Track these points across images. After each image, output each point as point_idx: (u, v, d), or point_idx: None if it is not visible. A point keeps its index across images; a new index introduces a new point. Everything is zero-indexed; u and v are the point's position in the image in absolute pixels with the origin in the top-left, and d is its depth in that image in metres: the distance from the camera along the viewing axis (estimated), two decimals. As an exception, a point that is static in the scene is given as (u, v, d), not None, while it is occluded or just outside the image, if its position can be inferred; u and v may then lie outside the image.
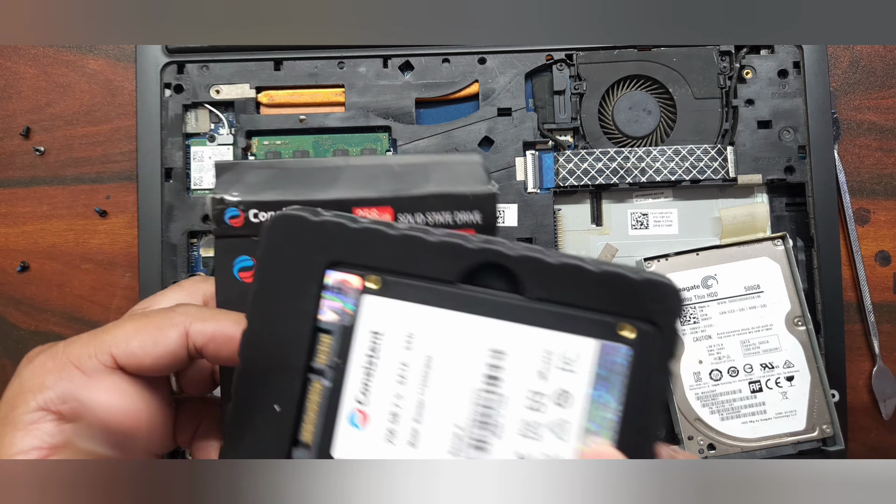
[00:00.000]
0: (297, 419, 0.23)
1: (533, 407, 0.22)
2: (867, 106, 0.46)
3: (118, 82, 0.46)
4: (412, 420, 0.23)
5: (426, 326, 0.23)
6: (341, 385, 0.23)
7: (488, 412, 0.23)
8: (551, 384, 0.22)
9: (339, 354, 0.23)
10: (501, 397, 0.22)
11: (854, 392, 0.45)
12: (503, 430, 0.23)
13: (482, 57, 0.43)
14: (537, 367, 0.22)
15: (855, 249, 0.45)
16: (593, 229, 0.44)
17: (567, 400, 0.22)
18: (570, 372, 0.22)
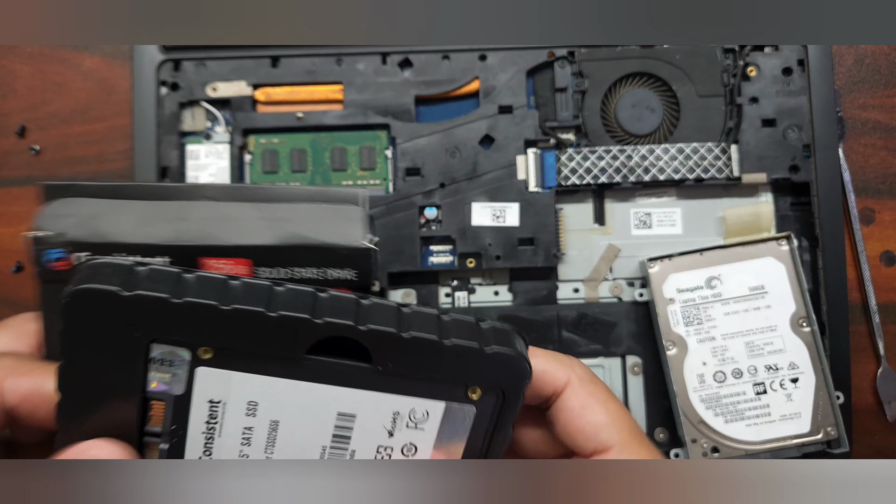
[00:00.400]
0: None
1: (380, 457, 0.23)
2: (872, 104, 0.45)
3: (114, 80, 0.45)
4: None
5: (268, 394, 0.22)
6: (182, 447, 0.22)
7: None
8: (398, 439, 0.23)
9: (174, 421, 0.22)
10: (349, 452, 0.23)
11: (859, 394, 0.44)
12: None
13: (483, 54, 0.43)
14: (386, 426, 0.23)
15: (860, 249, 0.45)
16: (596, 229, 0.43)
17: (412, 451, 0.23)
18: (418, 430, 0.23)
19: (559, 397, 0.24)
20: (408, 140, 0.43)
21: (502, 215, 0.42)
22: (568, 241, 0.43)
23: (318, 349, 0.21)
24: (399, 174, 0.43)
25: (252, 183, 0.43)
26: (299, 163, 0.43)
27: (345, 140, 0.43)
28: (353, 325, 0.21)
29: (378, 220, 0.42)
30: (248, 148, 0.43)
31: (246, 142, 0.43)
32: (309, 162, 0.43)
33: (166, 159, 0.43)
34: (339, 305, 0.21)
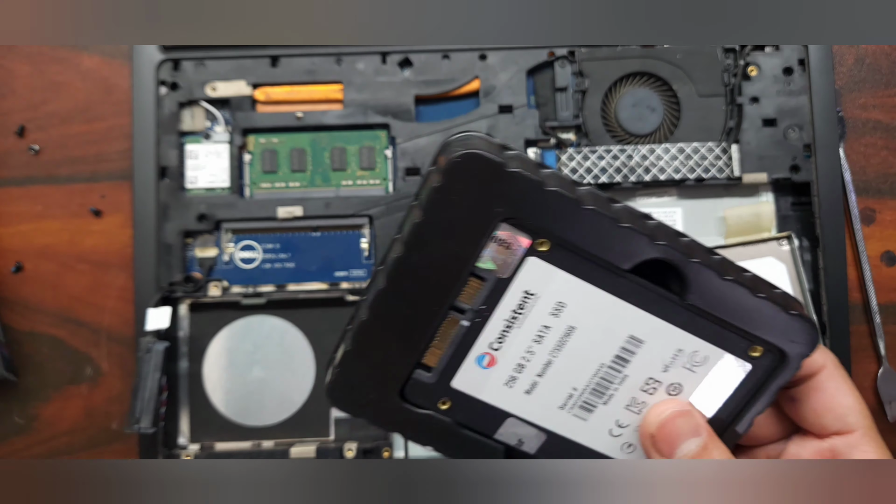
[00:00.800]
0: (426, 344, 0.24)
1: (646, 389, 0.24)
2: (873, 104, 0.45)
3: (113, 80, 0.45)
4: (535, 374, 0.24)
5: (578, 299, 0.23)
6: (480, 329, 0.23)
7: (606, 384, 0.24)
8: (670, 376, 0.24)
9: (485, 302, 0.23)
10: (623, 376, 0.24)
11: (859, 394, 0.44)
12: (612, 400, 0.24)
13: (483, 53, 0.43)
14: (665, 360, 0.24)
15: (861, 249, 0.44)
16: (595, 229, 0.43)
17: (677, 391, 0.24)
18: (690, 371, 0.24)
19: (814, 377, 0.26)
20: (408, 140, 0.43)
21: (502, 215, 0.42)
22: (568, 241, 0.43)
23: (639, 270, 0.23)
24: (399, 174, 0.43)
25: (252, 183, 0.43)
26: (299, 162, 0.43)
27: (344, 140, 0.43)
28: (685, 255, 0.22)
29: (378, 221, 0.42)
30: (247, 148, 0.43)
31: (245, 141, 0.43)
32: (308, 162, 0.43)
33: (165, 159, 0.43)
34: (669, 233, 0.23)
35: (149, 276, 0.42)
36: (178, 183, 0.43)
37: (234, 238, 0.43)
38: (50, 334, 0.44)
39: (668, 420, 0.24)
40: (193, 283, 0.42)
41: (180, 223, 0.42)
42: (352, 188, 0.43)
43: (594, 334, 0.23)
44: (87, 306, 0.44)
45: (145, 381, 0.39)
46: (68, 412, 0.44)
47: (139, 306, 0.42)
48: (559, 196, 0.21)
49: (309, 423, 0.42)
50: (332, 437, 0.42)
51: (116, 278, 0.44)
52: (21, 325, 0.44)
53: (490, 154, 0.21)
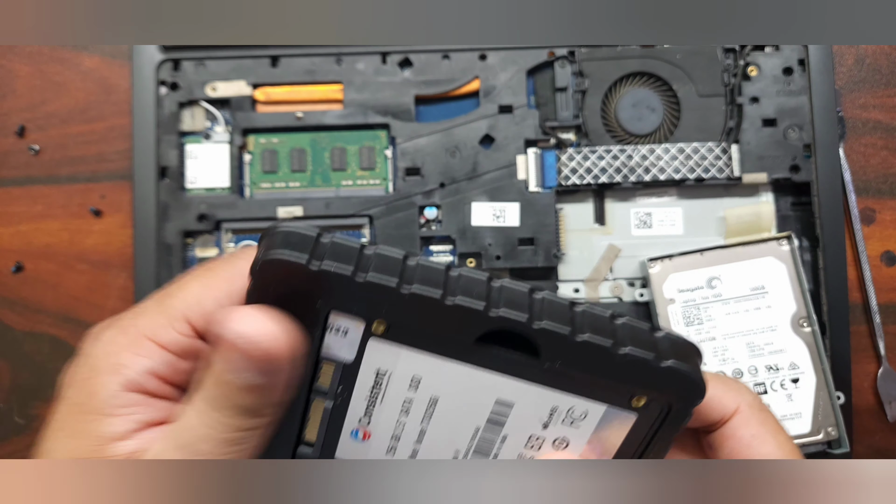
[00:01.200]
0: (302, 424, 0.23)
1: (530, 446, 0.24)
2: (873, 104, 0.45)
3: (113, 80, 0.45)
4: (414, 442, 0.24)
5: (432, 372, 0.22)
6: (345, 408, 0.23)
7: (486, 446, 0.24)
8: (551, 433, 0.23)
9: (341, 383, 0.23)
10: (503, 436, 0.23)
11: (859, 394, 0.44)
12: (498, 458, 0.24)
13: (483, 53, 0.43)
14: (542, 419, 0.23)
15: (861, 249, 0.44)
16: (596, 229, 0.43)
17: (563, 445, 0.23)
18: (574, 427, 0.23)
19: (726, 423, 0.24)
20: (408, 140, 0.43)
21: (502, 215, 0.42)
22: (568, 241, 0.43)
23: (487, 337, 0.21)
24: (399, 174, 0.43)
25: (252, 183, 0.43)
26: (299, 162, 0.43)
27: (344, 140, 0.43)
28: (526, 322, 0.21)
29: (378, 220, 0.42)
30: (247, 148, 0.43)
31: (245, 141, 0.43)
32: (308, 162, 0.43)
33: (165, 159, 0.43)
34: (513, 298, 0.21)
35: (149, 276, 0.42)
36: (178, 183, 0.43)
37: (234, 238, 0.43)
38: (50, 334, 0.44)
39: None
40: (193, 283, 0.42)
41: (180, 223, 0.42)
42: (352, 188, 0.43)
43: (459, 402, 0.23)
44: (88, 306, 0.44)
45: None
46: (68, 412, 0.44)
47: (139, 306, 0.42)
48: (373, 286, 0.20)
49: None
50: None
51: (117, 278, 0.44)
52: (21, 325, 0.44)
53: (292, 258, 0.20)
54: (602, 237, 0.43)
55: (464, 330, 0.21)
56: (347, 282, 0.20)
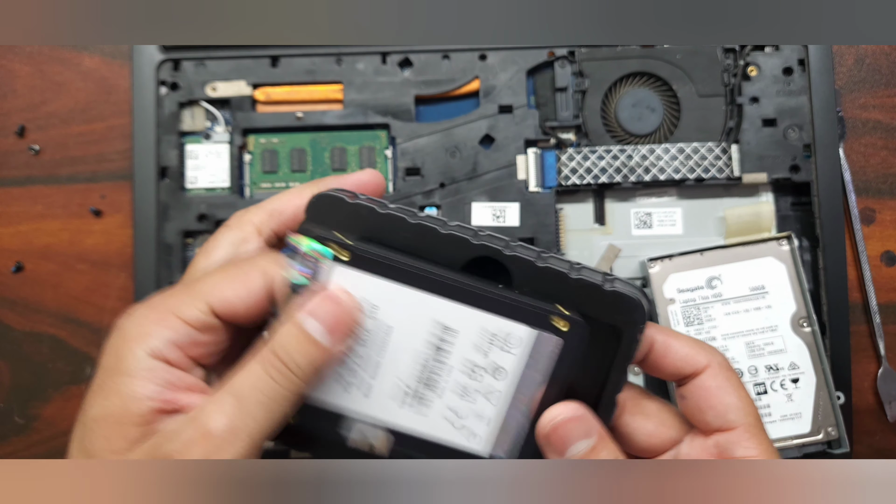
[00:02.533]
0: None
1: (471, 375, 0.26)
2: (873, 104, 0.45)
3: (113, 80, 0.45)
4: (368, 377, 0.26)
5: (389, 300, 0.25)
6: None
7: (433, 376, 0.26)
8: (490, 359, 0.26)
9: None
10: (445, 365, 0.26)
11: (859, 394, 0.44)
12: (444, 390, 0.26)
13: (483, 53, 0.43)
14: (481, 346, 0.25)
15: (860, 249, 0.44)
16: (596, 229, 0.43)
17: (500, 373, 0.26)
18: (509, 353, 0.25)
19: (697, 377, 0.26)
20: (408, 140, 0.43)
21: (502, 215, 0.42)
22: (568, 241, 0.43)
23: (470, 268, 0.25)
24: (399, 174, 0.43)
25: (252, 183, 0.43)
26: (299, 163, 0.43)
27: (345, 140, 0.43)
28: (502, 249, 0.25)
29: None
30: (247, 148, 0.43)
31: (245, 141, 0.43)
32: (309, 162, 0.43)
33: (166, 159, 0.43)
34: (493, 235, 0.26)
35: (149, 275, 0.42)
36: (178, 183, 0.43)
37: (234, 238, 0.43)
38: (50, 334, 0.44)
39: (561, 424, 0.25)
40: (194, 283, 0.42)
41: (180, 223, 0.42)
42: (352, 188, 0.43)
43: (410, 329, 0.25)
44: (88, 306, 0.44)
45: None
46: (68, 412, 0.44)
47: (139, 306, 0.42)
48: (392, 217, 0.25)
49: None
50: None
51: (117, 278, 0.44)
52: (21, 325, 0.44)
53: (337, 193, 0.25)
54: (602, 237, 0.43)
55: (454, 255, 0.25)
56: (372, 212, 0.25)
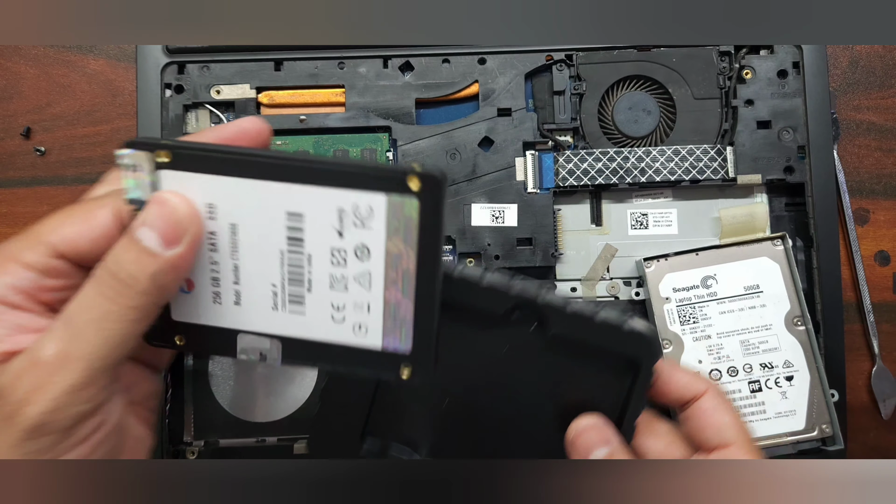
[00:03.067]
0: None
1: (336, 262, 0.24)
2: (867, 106, 0.46)
3: (119, 83, 0.46)
4: (233, 283, 0.25)
5: (223, 196, 0.24)
6: None
7: (297, 270, 0.24)
8: (349, 240, 0.24)
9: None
10: (306, 256, 0.24)
11: (853, 392, 0.45)
12: (314, 285, 0.24)
13: (482, 57, 0.43)
14: (334, 224, 0.24)
15: (854, 249, 0.45)
16: (593, 229, 0.44)
17: (364, 253, 0.24)
18: (364, 228, 0.24)
19: (698, 400, 0.30)
20: (408, 142, 0.43)
21: (501, 216, 0.43)
22: (566, 241, 0.44)
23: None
24: (400, 175, 0.43)
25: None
26: (301, 164, 0.44)
27: (347, 142, 0.44)
28: (535, 297, 0.28)
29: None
30: (251, 150, 0.44)
31: (249, 143, 0.44)
32: (311, 163, 0.44)
33: (170, 161, 0.43)
34: (515, 285, 0.28)
35: (154, 275, 0.42)
36: (182, 184, 0.43)
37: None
38: (57, 333, 0.45)
39: (583, 432, 0.29)
40: (198, 283, 0.43)
41: (185, 224, 0.43)
42: (353, 189, 0.44)
43: (256, 223, 0.24)
44: (94, 305, 0.45)
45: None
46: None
47: (145, 305, 0.42)
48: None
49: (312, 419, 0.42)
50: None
51: (122, 278, 0.45)
52: (28, 324, 0.45)
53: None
54: (599, 237, 0.44)
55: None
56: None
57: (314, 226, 0.24)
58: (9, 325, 0.24)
